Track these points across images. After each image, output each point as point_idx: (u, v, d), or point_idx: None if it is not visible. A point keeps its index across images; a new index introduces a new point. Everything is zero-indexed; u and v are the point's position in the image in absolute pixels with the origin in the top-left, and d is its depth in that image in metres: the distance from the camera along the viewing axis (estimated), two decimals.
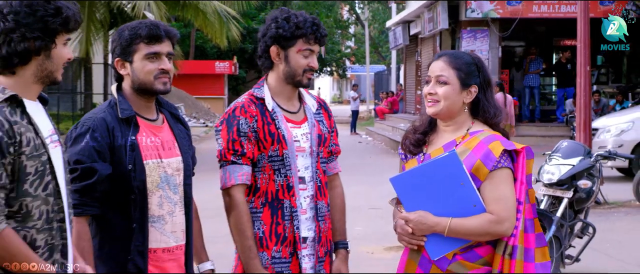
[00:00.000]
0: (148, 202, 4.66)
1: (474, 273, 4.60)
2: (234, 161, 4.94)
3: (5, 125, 3.89)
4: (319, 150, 5.09)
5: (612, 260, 12.00)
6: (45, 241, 4.01)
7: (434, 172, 4.56)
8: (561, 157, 10.93)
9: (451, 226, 4.54)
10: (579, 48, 18.73)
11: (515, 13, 29.71)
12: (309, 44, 5.00)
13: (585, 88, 18.74)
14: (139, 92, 4.75)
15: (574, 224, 10.81)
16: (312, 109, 5.17)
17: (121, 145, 4.60)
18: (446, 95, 4.66)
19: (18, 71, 4.06)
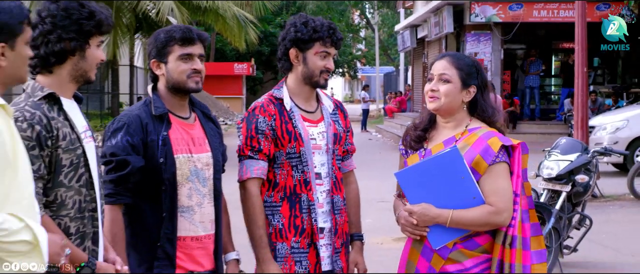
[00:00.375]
0: (178, 194, 4.69)
1: (473, 261, 4.62)
2: (250, 155, 4.97)
3: (43, 120, 3.96)
4: (334, 148, 5.10)
5: (608, 250, 12.00)
6: (77, 228, 4.06)
7: (437, 167, 4.58)
8: (560, 154, 10.94)
9: (453, 218, 4.56)
10: (577, 50, 18.70)
11: (517, 17, 29.68)
12: (325, 46, 5.02)
13: (583, 88, 18.71)
14: (173, 91, 4.79)
15: (572, 216, 10.81)
16: (328, 110, 5.18)
17: (154, 140, 4.64)
18: (447, 92, 4.67)
19: (55, 70, 4.12)
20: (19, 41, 3.60)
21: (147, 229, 4.65)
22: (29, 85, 4.11)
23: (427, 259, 4.66)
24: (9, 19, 3.56)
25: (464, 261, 4.61)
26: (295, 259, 5.00)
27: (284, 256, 4.99)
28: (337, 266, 5.09)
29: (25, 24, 3.63)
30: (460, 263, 4.61)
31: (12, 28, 3.57)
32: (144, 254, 4.63)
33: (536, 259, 4.60)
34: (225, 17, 28.01)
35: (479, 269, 4.60)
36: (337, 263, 5.09)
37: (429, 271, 4.65)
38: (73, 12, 4.12)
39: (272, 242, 5.00)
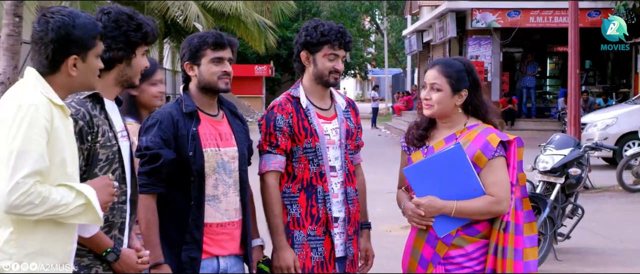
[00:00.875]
0: (205, 184, 4.71)
1: (473, 246, 4.65)
2: (269, 150, 4.98)
3: (86, 117, 3.99)
4: (347, 142, 5.10)
5: (598, 237, 11.98)
6: (107, 218, 4.06)
7: (442, 163, 4.61)
8: (554, 148, 10.94)
9: (457, 208, 4.59)
10: (570, 54, 18.68)
11: (515, 23, 29.67)
12: (333, 49, 5.01)
13: (575, 88, 18.69)
14: (204, 91, 4.82)
15: (565, 206, 10.81)
16: (341, 107, 5.17)
17: (183, 135, 4.67)
18: (439, 100, 4.70)
19: (103, 75, 4.13)
20: (90, 54, 3.68)
21: (177, 216, 4.68)
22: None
23: (431, 246, 4.69)
24: (82, 34, 3.63)
25: (466, 246, 4.64)
26: (311, 246, 4.99)
27: (301, 244, 4.99)
28: (350, 253, 5.08)
29: (98, 39, 3.70)
30: (462, 248, 4.64)
31: (85, 42, 3.64)
32: (174, 239, 4.65)
33: (528, 243, 4.64)
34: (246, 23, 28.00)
35: (479, 253, 4.64)
36: (350, 250, 5.08)
37: (434, 256, 4.68)
38: (122, 23, 4.17)
39: (290, 230, 4.99)
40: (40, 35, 3.61)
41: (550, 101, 34.17)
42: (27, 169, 3.40)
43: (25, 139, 3.43)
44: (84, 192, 3.56)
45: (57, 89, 3.65)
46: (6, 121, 3.46)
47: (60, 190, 3.50)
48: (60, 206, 3.47)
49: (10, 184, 3.38)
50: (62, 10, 3.64)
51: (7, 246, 3.50)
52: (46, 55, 3.61)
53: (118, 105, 4.31)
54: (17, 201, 3.38)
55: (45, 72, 3.65)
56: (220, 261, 4.79)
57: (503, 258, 4.57)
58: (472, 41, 30.59)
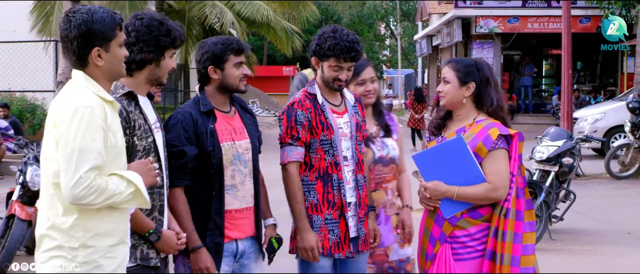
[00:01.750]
0: (224, 175, 4.69)
1: (476, 228, 4.66)
2: (290, 143, 4.94)
3: (123, 113, 4.03)
4: (356, 134, 5.06)
5: (588, 219, 11.93)
6: None
7: (446, 151, 4.64)
8: (549, 140, 10.95)
9: (459, 193, 4.62)
10: (563, 56, 18.63)
11: (514, 29, 29.61)
12: (338, 62, 4.94)
13: (568, 87, 18.63)
14: (222, 91, 4.78)
15: (559, 191, 10.81)
16: (351, 102, 5.14)
17: (203, 132, 4.63)
18: (447, 91, 4.78)
19: (134, 74, 4.18)
20: (112, 44, 3.67)
21: (201, 205, 4.65)
22: (112, 84, 4.16)
23: (439, 225, 4.72)
24: (102, 27, 3.62)
25: (469, 228, 4.65)
26: (328, 229, 4.96)
27: (319, 227, 4.96)
28: (362, 233, 5.05)
29: (118, 30, 3.69)
30: (466, 229, 4.65)
31: (106, 34, 3.64)
32: (198, 226, 4.61)
33: (528, 228, 4.64)
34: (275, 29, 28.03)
35: (481, 235, 4.65)
36: (362, 230, 5.05)
37: (441, 235, 4.71)
38: (153, 29, 4.19)
39: (309, 215, 4.97)
40: (66, 33, 3.62)
41: (546, 98, 34.07)
42: (88, 165, 3.45)
43: (85, 138, 3.47)
44: (133, 180, 3.62)
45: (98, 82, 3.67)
46: (65, 122, 3.50)
47: (114, 180, 3.55)
48: (115, 195, 3.54)
49: (74, 179, 3.43)
50: (82, 9, 3.65)
51: (74, 231, 3.57)
52: (73, 50, 3.63)
53: (150, 99, 4.33)
54: (81, 193, 3.44)
55: (77, 68, 3.68)
56: (238, 244, 4.76)
57: (502, 241, 4.57)
58: (476, 45, 30.51)
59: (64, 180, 3.45)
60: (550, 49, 33.29)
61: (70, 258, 3.57)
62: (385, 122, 5.49)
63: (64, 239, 3.57)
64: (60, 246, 3.57)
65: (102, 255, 3.61)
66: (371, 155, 5.32)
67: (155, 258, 4.21)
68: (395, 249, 5.40)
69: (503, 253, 4.55)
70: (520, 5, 29.86)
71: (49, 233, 3.60)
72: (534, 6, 29.74)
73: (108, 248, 3.63)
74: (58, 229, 3.57)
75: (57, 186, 3.55)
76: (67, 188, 3.44)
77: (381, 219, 5.35)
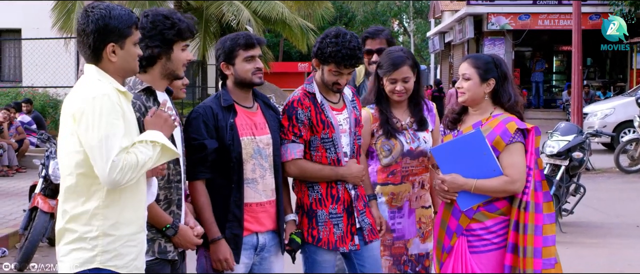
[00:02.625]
0: (244, 169, 4.68)
1: (493, 221, 4.64)
2: (293, 140, 4.89)
3: (142, 108, 4.04)
4: (355, 130, 5.03)
5: (598, 212, 11.91)
6: (165, 196, 4.15)
7: (464, 145, 4.61)
8: (560, 135, 10.94)
9: (476, 186, 4.59)
10: (574, 52, 18.58)
11: (525, 26, 29.50)
12: (338, 68, 4.87)
13: (578, 83, 18.58)
14: (240, 86, 4.77)
15: (569, 185, 10.80)
16: (348, 97, 5.10)
17: (223, 126, 4.63)
18: (469, 88, 4.73)
19: (148, 70, 4.20)
20: (127, 42, 3.67)
21: (220, 197, 4.64)
22: (131, 80, 4.17)
23: (456, 218, 4.71)
24: (118, 24, 3.63)
25: (485, 221, 4.63)
26: (333, 223, 4.92)
27: (324, 221, 4.92)
28: (365, 224, 5.01)
29: (134, 28, 3.69)
30: (482, 223, 4.64)
31: (121, 31, 3.64)
32: (218, 218, 4.62)
33: (547, 220, 4.62)
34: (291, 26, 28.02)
35: (498, 228, 4.64)
36: (365, 221, 5.01)
37: (458, 228, 4.70)
38: (158, 23, 4.17)
39: (313, 209, 4.93)
40: (83, 27, 3.63)
41: (556, 94, 33.93)
42: (116, 149, 3.47)
43: (108, 124, 3.49)
44: (157, 139, 3.64)
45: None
46: (86, 113, 3.51)
47: (140, 148, 3.57)
48: (147, 162, 3.57)
49: (108, 166, 3.46)
50: (100, 5, 3.66)
51: (94, 220, 3.59)
52: (88, 44, 3.63)
53: (169, 95, 4.33)
54: (118, 176, 3.47)
55: (91, 62, 3.68)
56: (259, 237, 4.75)
57: (524, 234, 4.55)
58: (487, 41, 30.42)
59: (99, 169, 3.47)
60: (560, 45, 33.15)
61: (90, 248, 3.57)
62: (421, 115, 5.31)
63: (83, 230, 3.58)
64: (81, 238, 3.58)
65: (123, 244, 3.62)
66: (399, 147, 5.21)
67: (173, 251, 4.21)
68: (416, 243, 5.28)
69: (526, 246, 4.54)
70: (531, 2, 29.73)
71: (69, 226, 3.61)
72: (544, 3, 29.61)
73: (128, 237, 3.64)
74: (78, 220, 3.58)
75: (80, 177, 3.57)
76: (104, 176, 3.47)
77: (404, 212, 5.25)
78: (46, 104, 21.81)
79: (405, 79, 5.22)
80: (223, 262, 4.57)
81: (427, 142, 5.27)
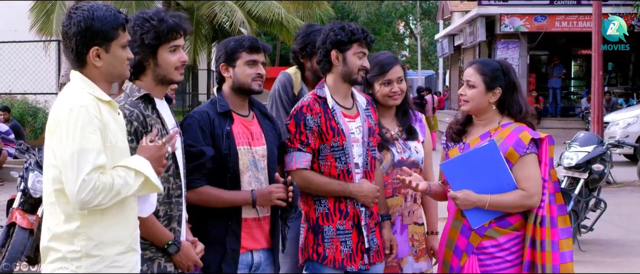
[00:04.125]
0: (240, 181, 4.69)
1: (505, 237, 4.65)
2: (299, 148, 4.91)
3: (140, 117, 4.05)
4: (368, 140, 5.02)
5: (619, 229, 11.90)
6: (165, 212, 4.13)
7: (477, 158, 4.61)
8: (578, 146, 10.92)
9: (491, 201, 4.58)
10: (594, 57, 18.58)
11: (541, 28, 29.48)
12: (361, 47, 4.94)
13: (599, 89, 18.57)
14: (237, 92, 4.79)
15: (588, 200, 10.78)
16: (362, 105, 5.09)
17: (219, 133, 4.65)
18: (472, 96, 4.72)
19: (141, 77, 4.21)
20: (113, 45, 3.66)
21: (218, 211, 4.66)
22: (128, 87, 4.18)
23: (465, 236, 4.70)
24: (102, 26, 3.62)
25: (498, 237, 4.63)
26: (340, 240, 4.93)
27: (330, 237, 4.93)
28: (374, 244, 5.01)
29: (120, 30, 3.67)
30: (495, 239, 4.64)
31: (106, 33, 3.63)
32: (216, 232, 4.64)
33: (563, 235, 4.64)
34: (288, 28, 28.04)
35: (511, 244, 4.64)
36: (373, 241, 5.02)
37: (467, 247, 4.69)
38: (136, 29, 4.16)
39: (320, 225, 4.95)
40: (66, 30, 3.64)
41: (575, 101, 33.95)
42: (89, 166, 3.45)
43: (82, 138, 3.47)
44: (141, 170, 3.60)
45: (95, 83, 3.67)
46: (61, 124, 3.51)
47: (120, 173, 3.55)
48: (124, 189, 3.54)
49: (78, 183, 3.44)
50: (83, 6, 3.65)
51: (77, 239, 3.57)
52: (72, 49, 3.64)
53: (168, 103, 4.34)
54: (87, 197, 3.45)
55: (76, 67, 3.68)
56: (253, 255, 4.77)
57: (542, 251, 4.56)
58: (500, 45, 30.43)
59: (68, 186, 3.47)
60: (579, 49, 33.19)
61: (74, 269, 3.57)
62: (409, 123, 5.36)
63: (67, 250, 3.57)
64: (64, 258, 3.58)
65: (108, 265, 3.61)
66: (389, 158, 5.24)
67: (174, 271, 4.21)
68: (410, 262, 5.29)
69: (544, 263, 4.55)
70: (547, 2, 29.75)
71: (52, 244, 3.61)
72: (562, 4, 29.62)
73: (114, 257, 3.63)
74: (60, 239, 3.58)
75: (58, 193, 3.57)
76: (73, 194, 3.45)
77: (397, 228, 5.26)
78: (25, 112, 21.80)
79: (399, 79, 5.28)
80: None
81: (419, 153, 5.30)
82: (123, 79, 3.89)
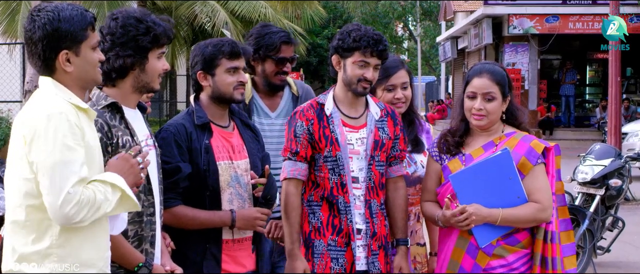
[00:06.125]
0: (221, 199, 4.71)
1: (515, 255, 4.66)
2: (289, 157, 4.93)
3: (105, 128, 3.99)
4: (374, 154, 4.98)
5: (639, 250, 11.90)
6: (136, 232, 4.09)
7: (489, 169, 4.61)
8: (594, 159, 10.90)
9: (503, 216, 4.59)
10: (611, 61, 18.63)
11: (553, 29, 29.53)
12: (364, 56, 4.89)
13: (616, 96, 18.62)
14: (217, 102, 4.80)
15: (605, 218, 10.78)
16: (375, 116, 5.04)
17: (197, 148, 4.64)
18: (494, 110, 4.71)
19: (118, 84, 4.16)
20: (83, 47, 3.64)
21: (195, 232, 4.66)
22: (95, 94, 4.15)
23: (472, 256, 4.69)
24: (70, 27, 3.59)
25: (507, 256, 4.65)
26: (331, 256, 4.93)
27: (320, 253, 4.94)
28: (374, 268, 4.98)
29: (89, 30, 3.65)
30: (504, 258, 4.65)
31: (75, 35, 3.61)
32: (194, 256, 4.65)
33: (567, 252, 4.68)
34: None
35: (520, 263, 4.65)
36: (374, 265, 4.98)
37: (474, 267, 4.68)
38: (130, 29, 4.13)
39: (311, 239, 4.96)
40: (30, 35, 3.61)
41: (590, 110, 33.99)
42: (73, 178, 3.44)
43: (64, 149, 3.46)
44: (116, 183, 3.59)
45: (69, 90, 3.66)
46: (38, 134, 3.48)
47: (99, 187, 3.54)
48: (104, 204, 3.53)
49: (62, 197, 3.42)
50: (47, 7, 3.63)
51: (47, 261, 3.55)
52: (38, 54, 3.61)
53: (142, 111, 4.30)
54: (72, 211, 3.43)
55: (44, 74, 3.66)
56: None
57: (554, 270, 4.59)
58: (508, 48, 30.49)
59: (50, 200, 3.44)
60: (595, 52, 33.24)
61: None
62: (415, 134, 5.36)
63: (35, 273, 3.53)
64: None
65: None
66: None
67: None
68: None
69: None
70: (560, 2, 29.81)
71: (19, 267, 3.56)
72: (576, 3, 29.68)
73: None
74: (28, 260, 3.55)
75: (31, 210, 3.53)
76: (55, 209, 3.43)
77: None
78: None
79: (404, 85, 5.29)
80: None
81: (425, 167, 5.22)
82: (95, 85, 3.88)
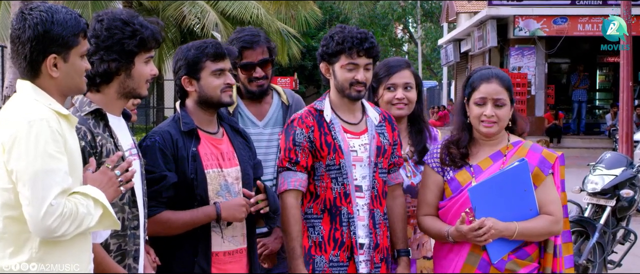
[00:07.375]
0: None
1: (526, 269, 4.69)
2: (288, 168, 4.93)
3: (88, 136, 3.98)
4: (377, 161, 5.00)
5: None
6: (119, 246, 4.08)
7: (507, 181, 4.62)
8: (604, 168, 10.89)
9: (519, 230, 4.61)
10: (622, 65, 18.64)
11: (561, 31, 29.51)
12: (351, 58, 4.89)
13: (628, 102, 18.63)
14: (204, 106, 4.80)
15: (616, 231, 10.76)
16: (374, 122, 5.06)
17: (183, 156, 4.64)
18: (505, 116, 4.74)
19: (102, 89, 4.14)
20: (72, 53, 3.64)
21: (183, 244, 4.66)
22: (78, 100, 4.14)
23: (483, 272, 4.69)
24: (62, 31, 3.59)
25: (519, 270, 4.67)
26: (333, 272, 4.94)
27: (321, 270, 4.94)
28: None
29: (81, 37, 3.66)
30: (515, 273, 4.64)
31: (66, 40, 3.61)
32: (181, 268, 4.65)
33: (567, 263, 4.71)
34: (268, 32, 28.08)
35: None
36: None
37: None
38: (116, 32, 4.12)
39: (311, 255, 4.95)
40: (18, 34, 3.60)
41: (600, 116, 33.98)
42: (56, 188, 3.44)
43: (46, 157, 3.46)
44: (99, 198, 3.58)
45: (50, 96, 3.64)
46: (19, 141, 3.47)
47: (81, 200, 3.53)
48: (87, 218, 3.52)
49: (44, 208, 3.41)
50: (40, 6, 3.62)
51: None
52: (24, 55, 3.60)
53: (126, 119, 4.30)
54: (54, 224, 3.42)
55: (27, 77, 3.64)
56: None
57: None
58: (514, 51, 30.50)
59: (30, 211, 3.43)
60: (605, 56, 33.26)
61: None
62: (423, 144, 5.37)
63: None
64: None
65: None
66: None
67: None
68: None
69: None
70: (568, 2, 29.81)
71: None
72: (585, 4, 29.68)
73: None
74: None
75: (8, 221, 3.53)
76: (36, 220, 3.42)
77: None
78: None
79: (406, 86, 5.30)
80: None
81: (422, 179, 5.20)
82: (78, 94, 3.88)
